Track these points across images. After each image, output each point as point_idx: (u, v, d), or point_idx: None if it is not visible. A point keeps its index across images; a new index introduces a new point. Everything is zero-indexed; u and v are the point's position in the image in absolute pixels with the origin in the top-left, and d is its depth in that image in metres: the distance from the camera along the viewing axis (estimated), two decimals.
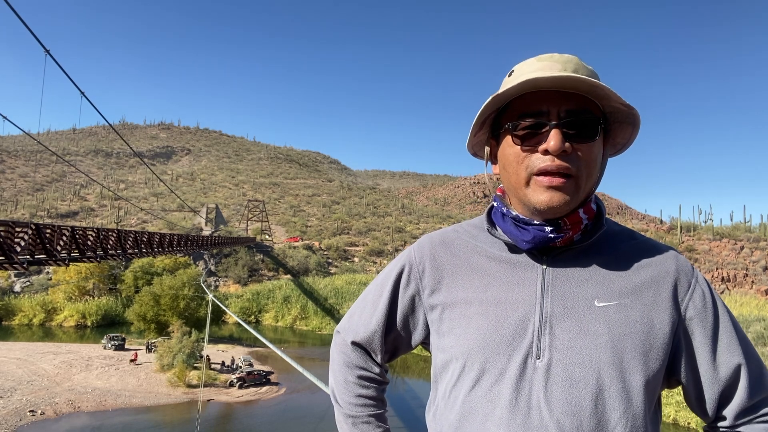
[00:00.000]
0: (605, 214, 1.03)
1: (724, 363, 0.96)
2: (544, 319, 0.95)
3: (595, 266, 0.99)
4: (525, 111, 0.94)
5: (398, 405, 26.42)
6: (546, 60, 0.95)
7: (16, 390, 26.03)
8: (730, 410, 0.97)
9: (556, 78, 0.89)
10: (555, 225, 0.96)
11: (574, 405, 0.89)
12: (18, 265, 14.75)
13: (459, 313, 1.02)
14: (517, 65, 0.99)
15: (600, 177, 1.01)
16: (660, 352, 0.94)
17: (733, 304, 38.27)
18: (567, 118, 0.92)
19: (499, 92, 0.94)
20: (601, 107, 0.96)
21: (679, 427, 23.61)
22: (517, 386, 0.92)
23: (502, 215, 1.03)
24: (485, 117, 1.02)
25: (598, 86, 0.90)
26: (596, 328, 0.93)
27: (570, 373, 0.91)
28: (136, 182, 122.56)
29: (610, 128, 1.01)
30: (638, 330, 0.93)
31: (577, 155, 0.92)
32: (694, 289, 0.98)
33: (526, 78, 0.90)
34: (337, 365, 1.18)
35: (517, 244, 0.99)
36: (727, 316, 0.99)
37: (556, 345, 0.93)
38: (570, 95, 0.93)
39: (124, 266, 54.69)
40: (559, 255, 0.99)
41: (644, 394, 0.91)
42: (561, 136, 0.90)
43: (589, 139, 0.93)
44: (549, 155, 0.91)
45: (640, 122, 0.99)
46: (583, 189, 0.95)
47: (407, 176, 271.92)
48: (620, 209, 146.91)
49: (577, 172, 0.92)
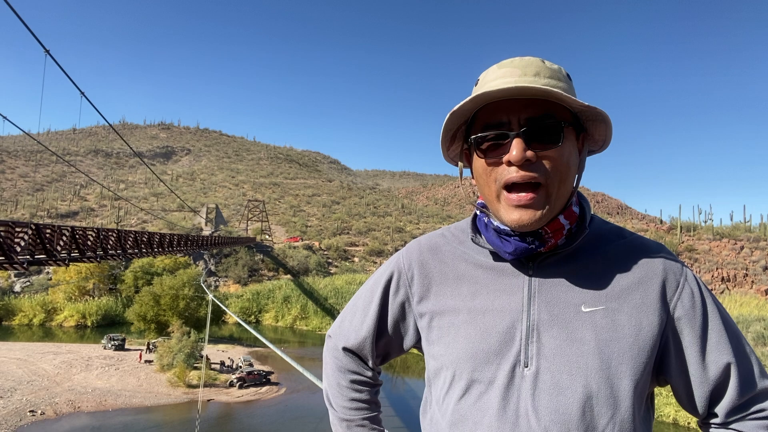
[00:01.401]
0: (589, 215, 1.02)
1: (713, 362, 0.95)
2: (532, 327, 0.94)
3: (582, 270, 0.98)
4: (488, 122, 0.93)
5: (398, 405, 26.42)
6: (507, 66, 0.93)
7: (16, 390, 26.04)
8: (721, 408, 0.97)
9: (505, 90, 0.87)
10: (536, 235, 0.94)
11: (561, 413, 0.89)
12: (18, 265, 14.76)
13: (447, 322, 1.02)
14: (482, 74, 0.98)
15: (578, 178, 0.98)
16: (649, 354, 0.93)
17: (733, 304, 38.25)
18: (527, 126, 0.90)
19: (454, 109, 0.92)
20: (570, 108, 0.94)
21: (679, 427, 23.60)
22: (505, 395, 0.92)
23: (485, 224, 1.03)
24: (454, 131, 1.00)
25: (550, 93, 0.87)
26: (583, 334, 0.92)
27: (557, 381, 0.91)
28: (136, 182, 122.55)
29: (585, 126, 0.99)
30: (626, 334, 0.92)
31: (542, 162, 0.90)
32: (683, 288, 0.97)
33: (482, 90, 0.89)
34: (330, 369, 1.19)
35: (500, 254, 0.99)
36: (717, 314, 0.97)
37: (544, 353, 0.92)
38: (531, 102, 0.91)
39: (124, 266, 54.71)
40: (545, 261, 0.99)
41: (633, 398, 0.91)
42: (522, 145, 0.88)
43: (554, 144, 0.90)
44: (513, 166, 0.90)
45: (610, 119, 0.96)
46: (556, 196, 0.92)
47: (407, 176, 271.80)
48: (620, 209, 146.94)
49: (545, 180, 0.90)
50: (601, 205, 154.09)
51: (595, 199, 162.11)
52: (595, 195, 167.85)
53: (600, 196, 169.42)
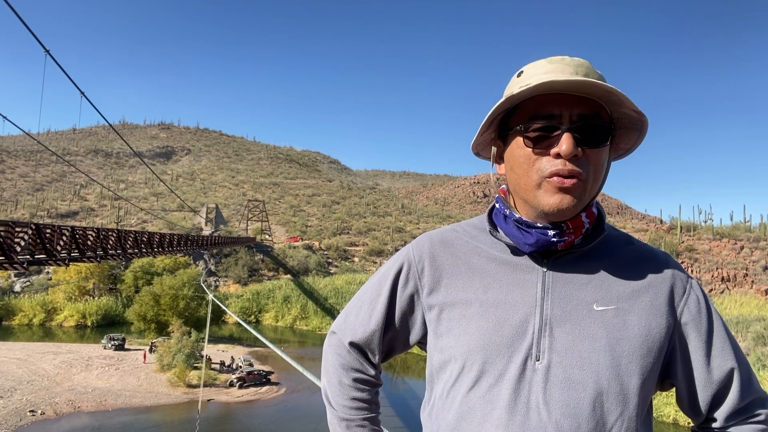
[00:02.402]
0: (605, 218, 1.04)
1: (718, 366, 0.99)
2: (544, 322, 0.96)
3: (595, 270, 1.00)
4: (536, 113, 0.94)
5: (398, 405, 26.42)
6: (557, 62, 0.94)
7: (17, 390, 26.04)
8: (721, 412, 1.00)
9: (572, 82, 0.88)
10: (558, 228, 0.96)
11: (572, 407, 0.90)
12: (18, 265, 14.76)
13: (458, 314, 1.02)
14: (527, 66, 0.99)
15: (603, 182, 1.01)
16: (656, 355, 0.96)
17: (733, 304, 38.27)
18: (579, 122, 0.92)
19: (514, 93, 0.92)
20: (609, 112, 0.96)
21: (679, 427, 23.59)
22: (516, 387, 0.93)
23: (504, 217, 1.03)
24: (494, 117, 1.01)
25: (613, 92, 0.90)
26: (595, 331, 0.94)
27: (569, 375, 0.92)
28: (136, 182, 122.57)
29: (615, 133, 1.00)
30: (636, 334, 0.95)
31: (586, 160, 0.93)
32: (689, 294, 1.01)
33: (540, 80, 0.89)
34: (332, 367, 1.16)
35: (519, 246, 1.00)
36: (720, 321, 1.02)
37: (556, 347, 0.94)
38: (582, 99, 0.93)
39: (124, 266, 54.71)
40: (560, 258, 1.00)
41: (640, 397, 0.93)
42: (573, 140, 0.90)
43: (600, 145, 0.94)
44: (560, 159, 0.91)
45: (647, 129, 0.99)
46: (590, 193, 0.95)
47: (407, 176, 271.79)
48: (620, 209, 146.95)
49: (586, 176, 0.92)
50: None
51: None
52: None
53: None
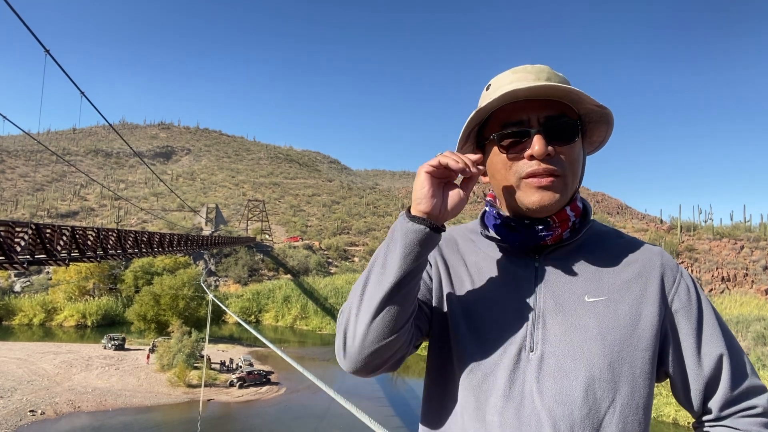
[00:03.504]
0: (591, 212, 1.09)
1: (707, 354, 1.01)
2: (538, 314, 1.00)
3: (585, 263, 1.05)
4: (507, 121, 1.00)
5: (398, 405, 26.42)
6: (520, 72, 1.02)
7: (17, 390, 26.04)
8: (715, 401, 1.01)
9: (533, 87, 0.95)
10: (545, 223, 1.02)
11: (565, 394, 0.94)
12: (18, 265, 14.76)
13: (453, 308, 1.07)
14: (493, 79, 1.06)
15: (582, 175, 1.07)
16: (649, 343, 0.98)
17: (733, 304, 38.28)
18: (547, 123, 0.99)
19: (481, 106, 0.99)
20: (576, 110, 1.03)
21: (679, 427, 23.59)
22: (511, 377, 0.97)
23: (494, 218, 1.09)
24: (470, 130, 1.07)
25: (572, 92, 0.96)
26: (587, 322, 0.98)
27: (561, 365, 0.96)
28: (136, 182, 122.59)
29: (585, 128, 1.08)
30: (627, 323, 0.98)
31: (560, 157, 0.99)
32: (679, 283, 1.04)
33: (504, 90, 0.96)
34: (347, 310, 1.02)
35: (510, 243, 1.06)
36: (711, 309, 1.04)
37: (549, 338, 0.98)
38: (547, 102, 0.99)
39: (124, 266, 54.72)
40: (551, 253, 1.05)
41: (632, 384, 0.96)
42: (544, 140, 0.97)
43: (570, 141, 1.00)
44: (535, 160, 0.98)
45: (614, 120, 1.06)
46: (570, 187, 1.01)
47: (407, 176, 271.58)
48: (620, 209, 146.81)
49: (563, 172, 0.98)
50: (601, 205, 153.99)
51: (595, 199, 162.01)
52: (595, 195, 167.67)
53: (600, 195, 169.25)
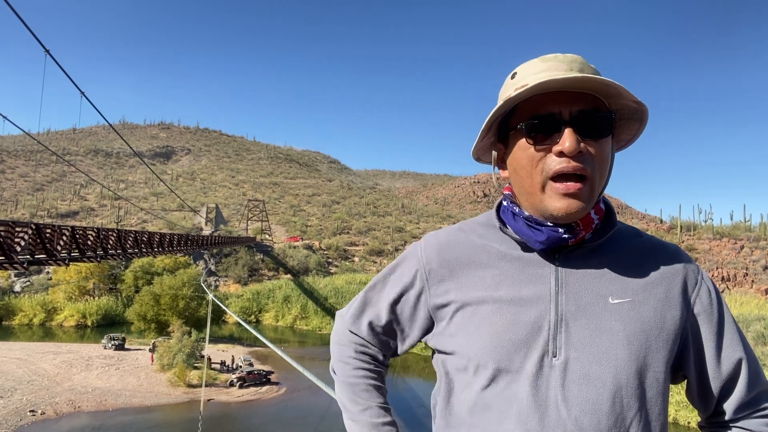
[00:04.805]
0: (615, 213, 1.03)
1: (728, 357, 0.98)
2: (560, 317, 0.94)
3: (607, 264, 0.99)
4: (536, 113, 0.92)
5: (398, 405, 26.40)
6: (551, 60, 0.94)
7: (17, 390, 26.04)
8: (730, 403, 0.99)
9: (568, 79, 0.88)
10: (568, 226, 0.95)
11: (592, 403, 0.89)
12: (18, 264, 14.76)
13: (470, 312, 1.00)
14: (520, 67, 0.98)
15: (609, 175, 1.00)
16: (672, 347, 0.95)
17: (733, 304, 38.26)
18: (579, 117, 0.91)
19: (511, 96, 0.91)
20: (607, 105, 0.95)
21: (679, 427, 23.59)
22: (534, 384, 0.92)
23: (513, 214, 1.02)
24: (493, 121, 1.00)
25: (611, 85, 0.88)
26: (612, 325, 0.93)
27: (587, 371, 0.91)
28: (136, 182, 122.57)
29: (615, 125, 0.99)
30: (652, 326, 0.94)
31: (590, 155, 0.91)
32: (701, 285, 1.01)
33: (536, 80, 0.88)
34: (337, 346, 1.18)
35: (529, 243, 0.99)
36: (729, 313, 1.02)
37: (573, 343, 0.93)
38: (579, 95, 0.92)
39: (124, 266, 54.72)
40: (571, 253, 0.99)
41: (656, 390, 0.93)
42: (576, 136, 0.89)
43: (602, 137, 0.92)
44: (564, 157, 0.90)
45: (648, 118, 0.98)
46: (597, 191, 0.94)
47: (407, 176, 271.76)
48: (620, 209, 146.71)
49: (591, 173, 0.91)
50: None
51: None
52: None
53: None
